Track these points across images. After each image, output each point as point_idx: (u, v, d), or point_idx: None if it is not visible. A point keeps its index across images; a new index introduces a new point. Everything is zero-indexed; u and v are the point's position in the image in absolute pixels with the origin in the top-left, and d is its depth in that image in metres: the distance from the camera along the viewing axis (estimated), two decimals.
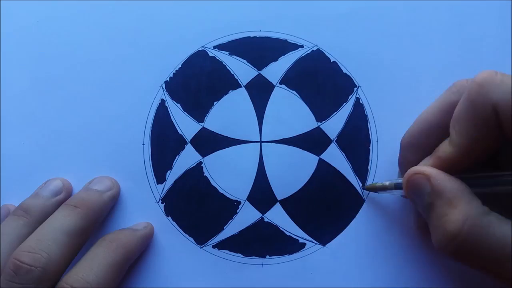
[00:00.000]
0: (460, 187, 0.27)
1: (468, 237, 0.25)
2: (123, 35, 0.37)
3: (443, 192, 0.27)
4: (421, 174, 0.28)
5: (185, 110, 0.36)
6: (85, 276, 0.29)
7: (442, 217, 0.26)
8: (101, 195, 0.33)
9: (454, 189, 0.27)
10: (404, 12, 0.36)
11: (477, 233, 0.25)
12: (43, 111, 0.36)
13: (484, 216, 0.25)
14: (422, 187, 0.28)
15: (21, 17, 0.37)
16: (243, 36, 0.37)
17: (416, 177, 0.28)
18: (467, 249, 0.25)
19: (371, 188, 0.34)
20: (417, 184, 0.28)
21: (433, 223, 0.27)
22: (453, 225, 0.26)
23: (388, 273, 0.34)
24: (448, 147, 0.28)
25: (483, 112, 0.26)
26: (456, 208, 0.26)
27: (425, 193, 0.28)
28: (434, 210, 0.27)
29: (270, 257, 0.34)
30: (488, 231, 0.25)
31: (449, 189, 0.27)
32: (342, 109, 0.36)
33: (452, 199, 0.26)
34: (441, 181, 0.27)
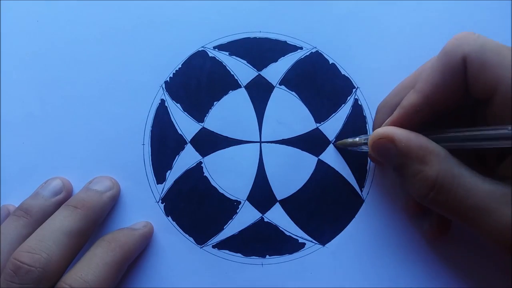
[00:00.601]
0: (427, 143, 0.28)
1: (442, 188, 0.27)
2: (123, 35, 0.37)
3: (411, 152, 0.27)
4: (385, 138, 0.28)
5: (185, 110, 0.36)
6: (83, 276, 0.29)
7: (416, 175, 0.27)
8: (101, 196, 0.33)
9: (422, 146, 0.27)
10: (403, 14, 0.37)
11: (449, 183, 0.26)
12: (43, 111, 0.36)
13: (455, 167, 0.27)
14: (388, 150, 0.28)
15: (21, 17, 0.37)
16: (243, 37, 0.37)
17: (380, 141, 0.29)
18: (442, 199, 0.27)
19: (342, 144, 0.34)
20: (383, 148, 0.29)
21: (408, 181, 0.28)
22: (428, 180, 0.27)
23: (388, 273, 0.34)
24: (412, 94, 0.29)
25: (452, 61, 0.27)
26: (428, 164, 0.27)
27: (392, 155, 0.28)
28: (407, 169, 0.28)
29: (270, 257, 0.34)
30: (459, 181, 0.26)
31: (417, 147, 0.27)
32: (340, 110, 0.36)
33: (421, 157, 0.27)
34: (406, 141, 0.28)
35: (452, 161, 0.27)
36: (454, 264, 0.33)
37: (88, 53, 0.36)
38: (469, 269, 0.33)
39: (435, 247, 0.34)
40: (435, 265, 0.34)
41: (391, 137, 0.28)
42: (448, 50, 0.27)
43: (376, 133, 0.29)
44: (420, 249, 0.34)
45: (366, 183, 0.35)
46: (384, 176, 0.35)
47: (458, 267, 0.33)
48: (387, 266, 0.34)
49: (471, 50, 0.26)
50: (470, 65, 0.26)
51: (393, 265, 0.34)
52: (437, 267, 0.34)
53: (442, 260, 0.34)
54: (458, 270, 0.33)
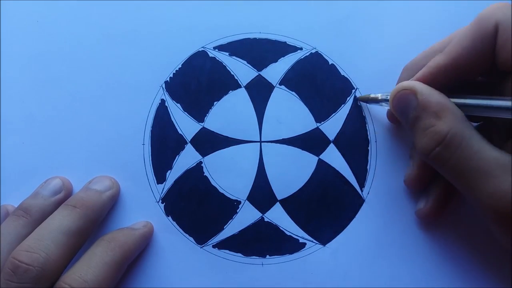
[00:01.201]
0: (445, 100, 0.28)
1: (449, 143, 0.27)
2: (123, 35, 0.37)
3: (429, 105, 0.28)
4: (408, 90, 0.29)
5: (185, 110, 0.36)
6: (83, 275, 0.29)
7: (428, 127, 0.28)
8: (100, 195, 0.33)
9: (440, 102, 0.28)
10: (402, 14, 0.37)
11: (458, 141, 0.27)
12: (43, 111, 0.36)
13: (466, 129, 0.27)
14: (409, 101, 0.29)
15: (21, 17, 0.37)
16: (243, 37, 0.37)
17: (403, 92, 0.30)
18: (447, 155, 0.27)
19: (364, 99, 0.35)
20: (404, 98, 0.30)
21: (419, 133, 0.29)
22: (438, 134, 0.28)
23: (388, 273, 0.34)
24: (440, 56, 0.30)
25: (484, 26, 0.27)
26: (441, 120, 0.28)
27: (411, 107, 0.29)
28: (420, 122, 0.29)
29: (270, 257, 0.34)
30: (468, 143, 0.27)
31: (436, 103, 0.28)
32: (340, 110, 0.36)
33: (437, 112, 0.28)
34: (427, 95, 0.29)
35: (466, 123, 0.28)
36: (454, 264, 0.33)
37: (88, 53, 0.37)
38: (469, 269, 0.33)
39: (436, 247, 0.34)
40: (435, 265, 0.34)
41: (414, 89, 0.29)
42: (482, 17, 0.28)
43: (400, 85, 0.30)
44: (420, 249, 0.34)
45: (366, 183, 0.35)
46: (384, 175, 0.35)
47: (458, 267, 0.33)
48: (387, 266, 0.34)
49: (504, 18, 0.27)
50: (501, 33, 0.27)
51: (393, 265, 0.34)
52: (437, 267, 0.34)
53: (442, 260, 0.34)
54: (458, 270, 0.33)
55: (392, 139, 0.36)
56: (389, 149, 0.35)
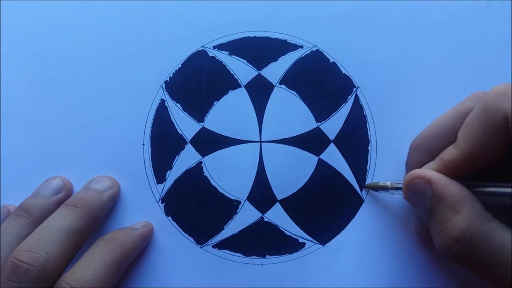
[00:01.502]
0: (463, 192, 0.27)
1: (470, 242, 0.25)
2: (123, 35, 0.37)
3: (446, 197, 0.27)
4: (421, 178, 0.28)
5: (185, 110, 0.36)
6: (82, 275, 0.29)
7: (444, 222, 0.27)
8: (100, 195, 0.33)
9: (457, 194, 0.27)
10: (404, 13, 0.36)
11: (479, 239, 0.25)
12: (43, 111, 0.36)
13: (486, 222, 0.26)
14: (423, 192, 0.28)
15: (21, 17, 0.37)
16: (243, 36, 0.37)
17: (416, 181, 0.28)
18: (468, 254, 0.26)
19: (372, 186, 0.34)
20: (418, 188, 0.28)
21: (435, 228, 0.27)
22: (456, 230, 0.26)
23: (388, 273, 0.34)
24: (453, 150, 0.28)
25: (494, 119, 0.26)
26: (459, 214, 0.26)
27: (426, 198, 0.28)
28: (436, 215, 0.27)
29: (270, 257, 0.34)
30: (490, 237, 0.25)
31: (452, 194, 0.27)
32: (341, 110, 0.36)
33: (455, 204, 0.26)
34: (443, 186, 0.27)
35: (485, 215, 0.26)
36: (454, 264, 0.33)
37: (88, 53, 0.36)
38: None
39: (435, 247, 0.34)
40: (435, 265, 0.33)
41: (428, 178, 0.28)
42: (488, 107, 0.26)
43: (414, 172, 0.28)
44: (420, 249, 0.34)
45: (366, 183, 0.35)
46: (384, 176, 0.35)
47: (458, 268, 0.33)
48: (387, 266, 0.34)
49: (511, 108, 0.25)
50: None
51: (393, 265, 0.34)
52: (437, 267, 0.33)
53: (442, 260, 0.33)
54: (458, 270, 0.33)
55: (393, 139, 0.35)
56: (389, 149, 0.35)
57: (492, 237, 0.25)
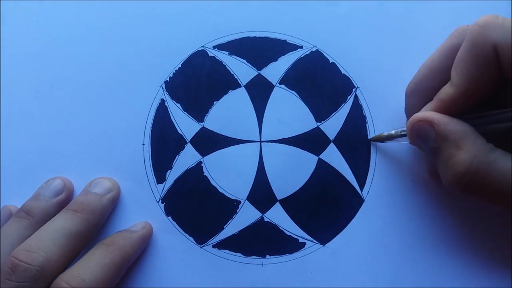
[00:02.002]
0: (464, 128, 0.28)
1: (476, 174, 0.27)
2: (123, 35, 0.37)
3: (448, 136, 0.28)
4: (423, 121, 0.29)
5: (185, 110, 0.36)
6: (81, 274, 0.29)
7: (449, 159, 0.28)
8: (101, 199, 0.33)
9: (458, 131, 0.28)
10: (403, 13, 0.36)
11: (484, 169, 0.26)
12: (43, 111, 0.36)
13: (489, 153, 0.27)
14: (426, 133, 0.29)
15: (21, 17, 0.37)
16: (242, 36, 0.37)
17: (419, 124, 0.29)
18: (475, 185, 0.27)
19: (378, 138, 0.35)
20: (421, 130, 0.29)
21: (442, 166, 0.28)
22: (461, 165, 0.27)
23: (388, 273, 0.34)
24: (449, 88, 0.29)
25: (484, 52, 0.27)
26: (463, 149, 0.27)
27: (430, 139, 0.29)
28: (441, 153, 0.28)
29: (270, 257, 0.34)
30: (494, 166, 0.26)
31: (454, 132, 0.28)
32: (341, 110, 0.36)
33: (457, 141, 0.27)
34: (444, 125, 0.28)
35: (488, 146, 0.27)
36: (454, 264, 0.33)
37: (88, 53, 0.37)
38: (469, 269, 0.33)
39: (435, 247, 0.34)
40: (435, 265, 0.33)
41: (430, 120, 0.28)
42: (477, 40, 0.27)
43: (415, 116, 0.29)
44: (420, 249, 0.34)
45: (366, 183, 0.35)
46: (384, 175, 0.35)
47: (458, 267, 0.33)
48: (387, 266, 0.34)
49: (500, 37, 0.26)
50: (502, 53, 0.26)
51: (393, 265, 0.34)
52: (437, 267, 0.33)
53: (442, 260, 0.34)
54: (458, 270, 0.33)
55: None
56: (389, 148, 0.35)
57: (497, 165, 0.26)
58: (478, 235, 0.34)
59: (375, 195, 0.35)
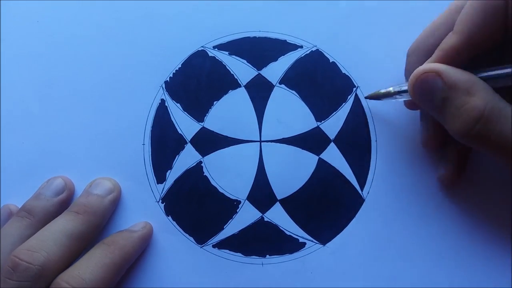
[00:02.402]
0: (472, 77, 0.27)
1: (489, 119, 0.26)
2: (123, 35, 0.37)
3: (458, 84, 0.27)
4: (430, 72, 0.28)
5: (185, 110, 0.36)
6: (81, 274, 0.29)
7: (461, 107, 0.27)
8: (102, 200, 0.33)
9: (468, 79, 0.27)
10: (404, 13, 0.36)
11: (497, 114, 0.26)
12: (43, 111, 0.36)
13: (501, 101, 0.26)
14: (433, 85, 0.28)
15: (21, 17, 0.37)
16: (242, 36, 0.37)
17: (425, 75, 0.28)
18: (489, 131, 0.26)
19: (374, 96, 0.34)
20: (427, 82, 0.28)
21: (451, 115, 0.27)
22: (475, 110, 0.26)
23: (388, 273, 0.34)
24: (452, 36, 0.28)
25: None
26: (475, 96, 0.26)
27: (438, 90, 0.28)
28: (451, 103, 0.27)
29: (270, 257, 0.34)
30: (506, 113, 0.26)
31: (464, 80, 0.27)
32: (341, 109, 0.36)
33: (469, 89, 0.27)
34: (452, 74, 0.27)
35: (497, 95, 0.27)
36: (454, 264, 0.33)
37: (88, 53, 0.37)
38: (470, 269, 0.33)
39: (435, 247, 0.34)
40: (435, 265, 0.33)
41: (437, 70, 0.28)
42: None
43: (420, 69, 0.28)
44: (420, 249, 0.34)
45: (367, 183, 0.35)
46: (385, 175, 0.35)
47: (458, 267, 0.33)
48: (388, 266, 0.34)
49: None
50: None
51: (393, 265, 0.34)
52: (437, 267, 0.33)
53: (442, 260, 0.33)
54: (458, 270, 0.33)
55: (393, 138, 0.35)
56: (390, 148, 0.35)
57: (508, 113, 0.26)
58: (478, 235, 0.34)
59: (376, 195, 0.35)
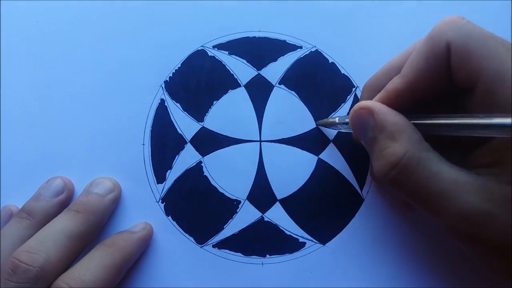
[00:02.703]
0: (403, 122, 0.27)
1: (406, 167, 0.26)
2: (123, 35, 0.37)
3: (385, 126, 0.27)
4: (365, 109, 0.29)
5: (184, 110, 0.36)
6: (81, 275, 0.29)
7: (383, 150, 0.27)
8: (102, 199, 0.33)
9: (397, 123, 0.27)
10: (404, 13, 0.36)
11: (414, 165, 0.26)
12: (43, 111, 0.36)
13: (423, 151, 0.26)
14: (366, 121, 0.29)
15: (21, 17, 0.37)
16: (242, 36, 0.37)
17: (360, 111, 0.29)
18: (404, 179, 0.26)
19: (323, 123, 0.35)
20: (361, 118, 0.29)
21: (375, 155, 0.28)
22: (393, 156, 0.27)
23: (388, 272, 0.34)
24: (397, 79, 0.29)
25: (437, 46, 0.27)
26: (398, 142, 0.27)
27: (368, 127, 0.28)
28: (376, 144, 0.28)
29: (270, 257, 0.34)
30: (425, 165, 0.26)
31: (391, 123, 0.27)
32: (340, 110, 0.36)
33: (393, 133, 0.27)
34: (383, 115, 0.28)
35: (423, 144, 0.27)
36: (454, 264, 0.33)
37: (88, 53, 0.37)
38: (470, 269, 0.33)
39: (435, 247, 0.34)
40: (435, 265, 0.34)
41: (371, 108, 0.28)
42: (433, 35, 0.27)
43: (358, 104, 0.29)
44: (420, 248, 0.34)
45: (366, 182, 0.35)
46: None
47: (458, 267, 0.33)
48: (387, 265, 0.34)
49: (455, 37, 0.26)
50: (453, 52, 0.26)
51: (393, 264, 0.34)
52: (437, 267, 0.33)
53: (442, 260, 0.34)
54: (458, 270, 0.33)
55: None
56: None
57: (428, 165, 0.26)
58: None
59: (375, 195, 0.35)
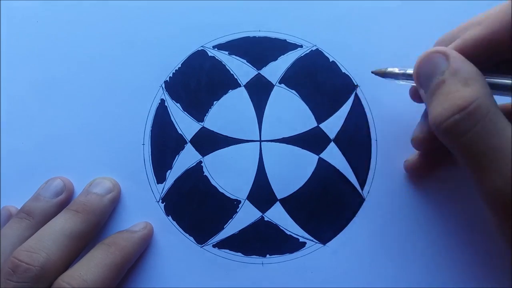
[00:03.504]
0: (477, 72, 0.26)
1: (472, 114, 0.24)
2: (123, 35, 0.37)
3: (460, 71, 0.26)
4: (440, 53, 0.27)
5: (184, 110, 0.36)
6: (82, 275, 0.29)
7: (452, 93, 0.25)
8: (101, 199, 0.33)
9: (472, 71, 0.26)
10: (403, 12, 0.36)
11: (482, 113, 0.24)
12: (43, 111, 0.36)
13: (494, 105, 0.25)
14: (438, 65, 0.27)
15: (21, 17, 0.37)
16: (242, 36, 0.37)
17: (434, 55, 0.27)
18: (465, 127, 0.25)
19: (380, 72, 0.33)
20: (433, 61, 0.27)
21: (438, 99, 0.26)
22: (461, 99, 0.25)
23: (388, 272, 0.34)
24: (475, 28, 0.28)
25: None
26: (470, 87, 0.25)
27: (438, 71, 0.27)
28: (444, 88, 0.26)
29: (270, 256, 0.34)
30: (492, 118, 0.24)
31: (467, 70, 0.26)
32: (341, 109, 0.36)
33: (467, 79, 0.26)
34: (460, 61, 0.26)
35: (493, 99, 0.25)
36: (454, 264, 0.33)
37: (88, 53, 0.37)
38: (470, 269, 0.33)
39: (436, 247, 0.34)
40: (435, 265, 0.33)
41: (447, 53, 0.27)
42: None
43: (432, 49, 0.28)
44: (420, 248, 0.34)
45: (367, 182, 0.35)
46: (385, 175, 0.35)
47: (458, 267, 0.33)
48: (388, 265, 0.34)
49: None
50: None
51: (393, 264, 0.34)
52: (437, 267, 0.33)
53: (442, 260, 0.33)
54: (458, 270, 0.33)
55: (393, 137, 0.35)
56: (390, 148, 0.35)
57: (494, 119, 0.24)
58: (478, 235, 0.33)
59: (376, 195, 0.35)
